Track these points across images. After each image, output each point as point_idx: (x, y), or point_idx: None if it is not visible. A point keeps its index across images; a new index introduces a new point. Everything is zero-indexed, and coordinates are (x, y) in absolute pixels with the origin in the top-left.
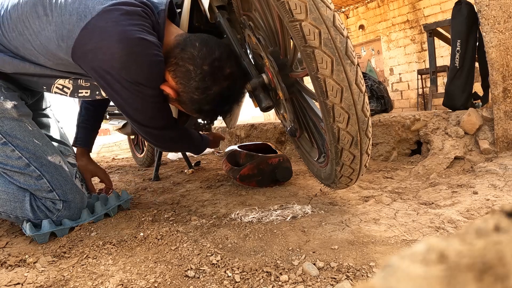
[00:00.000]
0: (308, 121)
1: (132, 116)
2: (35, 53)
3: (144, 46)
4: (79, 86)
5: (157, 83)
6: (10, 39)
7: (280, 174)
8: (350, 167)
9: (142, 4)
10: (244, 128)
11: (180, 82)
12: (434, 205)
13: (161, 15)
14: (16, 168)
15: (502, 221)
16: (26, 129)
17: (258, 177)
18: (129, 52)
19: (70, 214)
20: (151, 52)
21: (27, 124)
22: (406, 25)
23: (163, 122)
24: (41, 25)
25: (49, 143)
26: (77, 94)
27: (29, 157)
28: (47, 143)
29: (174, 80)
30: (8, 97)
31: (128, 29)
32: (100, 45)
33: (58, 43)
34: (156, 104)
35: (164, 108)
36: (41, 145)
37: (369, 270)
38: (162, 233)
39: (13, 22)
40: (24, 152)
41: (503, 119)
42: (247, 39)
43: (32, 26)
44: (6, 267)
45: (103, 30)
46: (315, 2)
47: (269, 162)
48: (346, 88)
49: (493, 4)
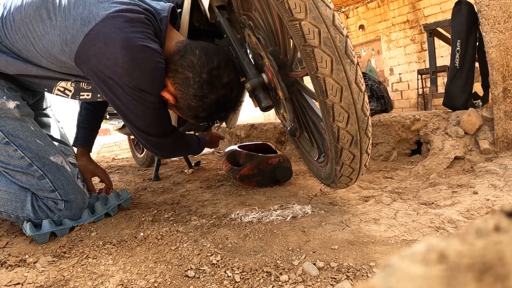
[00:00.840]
0: (308, 120)
1: (132, 121)
2: (38, 55)
3: (147, 53)
4: (81, 89)
5: (158, 90)
6: (13, 41)
7: (280, 174)
8: (350, 167)
9: (145, 11)
10: (244, 128)
11: (178, 89)
12: (434, 205)
13: (163, 22)
14: (19, 167)
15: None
16: (29, 129)
17: (258, 177)
18: (132, 59)
19: (72, 214)
20: (153, 59)
21: (29, 124)
22: (406, 25)
23: (162, 129)
24: (45, 29)
25: (51, 143)
26: (79, 97)
27: (32, 157)
28: (49, 143)
29: (173, 86)
30: (10, 97)
31: (131, 36)
32: (103, 51)
33: (62, 48)
34: (156, 111)
35: (164, 115)
36: (44, 145)
37: (369, 270)
38: (162, 233)
39: (16, 24)
40: (26, 152)
41: (503, 119)
42: (247, 39)
43: (35, 30)
44: (6, 267)
45: (107, 36)
46: (314, 1)
47: (269, 162)
48: (345, 87)
49: (493, 4)
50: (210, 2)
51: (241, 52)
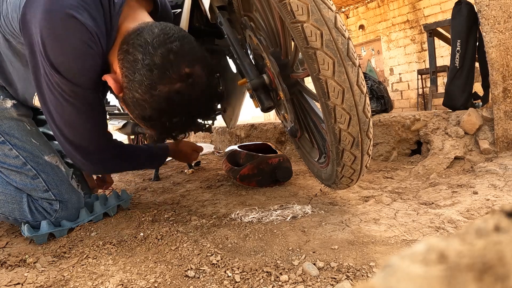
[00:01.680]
0: (309, 121)
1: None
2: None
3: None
4: None
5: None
6: None
7: (280, 174)
8: (351, 168)
9: None
10: (244, 128)
11: (125, 74)
12: (434, 205)
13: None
14: (13, 166)
15: (502, 221)
16: (25, 128)
17: (258, 177)
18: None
19: (68, 215)
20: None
21: (25, 124)
22: (406, 25)
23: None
24: None
25: (47, 143)
26: None
27: (26, 156)
28: (45, 142)
29: (121, 71)
30: (8, 96)
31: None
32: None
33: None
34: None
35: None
36: (39, 144)
37: (369, 270)
38: (162, 233)
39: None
40: (21, 151)
41: (503, 119)
42: (248, 40)
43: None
44: (6, 267)
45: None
46: (316, 4)
47: (269, 162)
48: (347, 89)
49: (493, 4)
50: (211, 2)
51: (242, 53)
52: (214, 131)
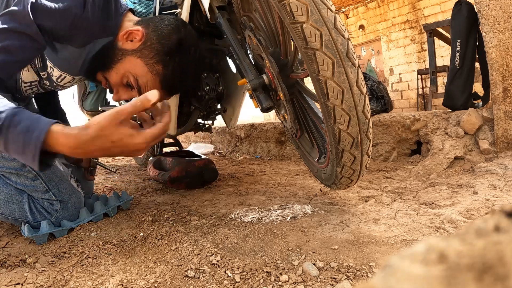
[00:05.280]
0: (309, 121)
1: None
2: None
3: None
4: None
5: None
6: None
7: (207, 175)
8: (350, 168)
9: None
10: (244, 128)
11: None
12: (434, 205)
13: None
14: (12, 169)
15: (502, 221)
16: None
17: (187, 179)
18: None
19: (68, 215)
20: None
21: None
22: (406, 25)
23: None
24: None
25: None
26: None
27: None
28: None
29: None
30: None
31: None
32: None
33: None
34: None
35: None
36: None
37: (369, 270)
38: (162, 233)
39: None
40: None
41: (503, 119)
42: (248, 40)
43: None
44: (6, 267)
45: None
46: (316, 4)
47: (196, 164)
48: (347, 90)
49: (493, 4)
50: (210, 2)
51: (242, 53)
52: (214, 131)
